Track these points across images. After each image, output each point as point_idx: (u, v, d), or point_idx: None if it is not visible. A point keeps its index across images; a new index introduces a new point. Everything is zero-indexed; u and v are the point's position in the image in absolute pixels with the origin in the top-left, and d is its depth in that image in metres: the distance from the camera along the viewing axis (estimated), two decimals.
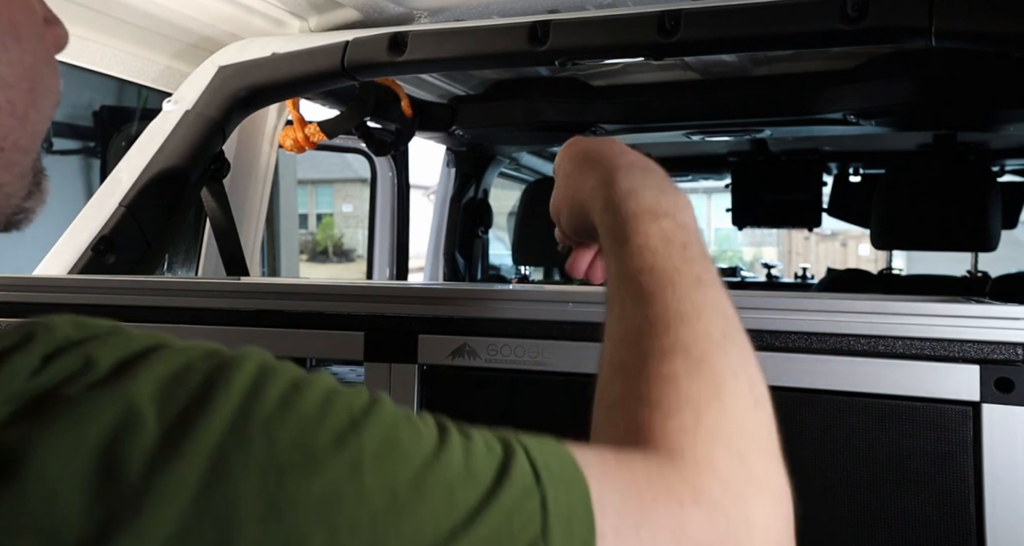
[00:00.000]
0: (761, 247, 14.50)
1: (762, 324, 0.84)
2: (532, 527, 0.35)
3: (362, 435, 0.33)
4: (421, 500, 0.33)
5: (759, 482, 0.44)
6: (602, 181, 0.57)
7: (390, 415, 0.35)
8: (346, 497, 0.31)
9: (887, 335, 0.81)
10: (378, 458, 0.33)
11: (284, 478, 0.31)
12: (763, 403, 0.48)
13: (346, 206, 15.54)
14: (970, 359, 0.78)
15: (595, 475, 0.38)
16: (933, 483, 0.79)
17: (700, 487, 0.42)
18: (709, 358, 0.47)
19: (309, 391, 0.34)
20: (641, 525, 0.38)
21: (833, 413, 0.82)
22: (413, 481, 0.33)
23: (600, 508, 0.37)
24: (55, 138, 2.49)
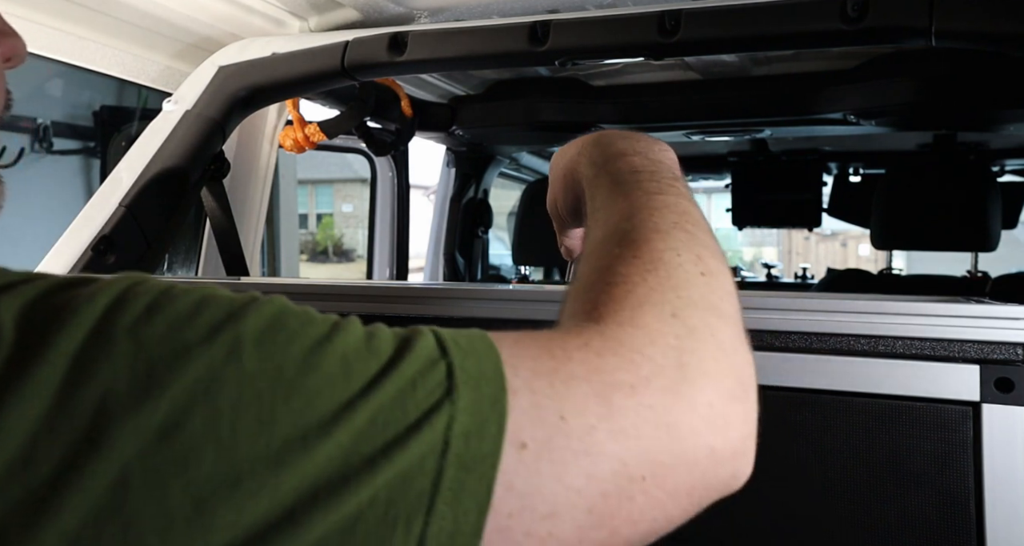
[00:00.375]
0: (761, 247, 14.50)
1: (762, 324, 0.84)
2: (437, 392, 0.34)
3: (240, 324, 0.33)
4: (312, 374, 0.32)
5: (698, 335, 0.42)
6: (585, 144, 0.62)
7: (277, 306, 0.35)
8: (226, 379, 0.31)
9: (887, 335, 0.81)
10: (260, 342, 0.32)
11: (155, 369, 0.30)
12: (714, 273, 0.47)
13: (346, 206, 15.55)
14: (970, 359, 0.78)
15: (508, 345, 0.37)
16: (933, 483, 0.79)
17: (620, 339, 0.40)
18: (651, 242, 0.47)
19: (184, 297, 0.34)
20: (556, 377, 0.37)
21: (833, 413, 0.82)
22: (302, 359, 0.33)
23: (512, 368, 0.36)
24: (55, 138, 2.49)
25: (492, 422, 0.34)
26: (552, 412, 0.36)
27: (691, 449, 0.39)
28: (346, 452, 0.31)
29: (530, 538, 0.34)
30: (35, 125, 2.42)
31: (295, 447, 0.31)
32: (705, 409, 0.40)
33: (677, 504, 0.40)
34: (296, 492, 0.30)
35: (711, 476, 0.41)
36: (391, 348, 0.35)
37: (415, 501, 0.32)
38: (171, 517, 0.28)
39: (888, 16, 0.88)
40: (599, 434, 0.36)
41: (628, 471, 0.37)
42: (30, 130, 2.41)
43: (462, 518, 0.32)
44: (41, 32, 1.14)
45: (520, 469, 0.34)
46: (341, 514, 0.30)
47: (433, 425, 0.33)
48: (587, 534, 0.36)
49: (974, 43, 0.90)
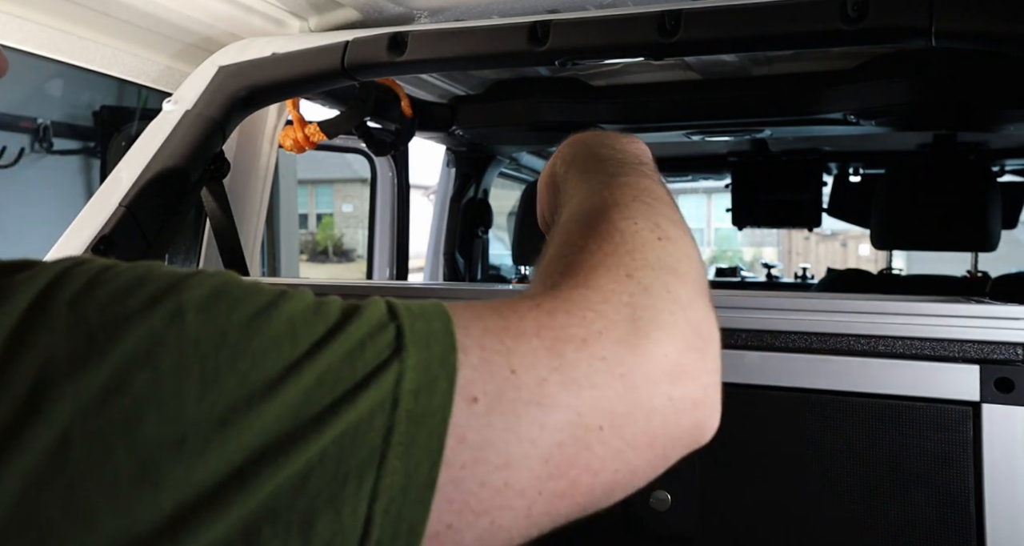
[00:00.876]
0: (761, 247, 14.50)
1: (762, 324, 0.84)
2: (386, 352, 0.34)
3: (182, 294, 0.33)
4: (257, 337, 0.32)
5: (653, 291, 0.42)
6: (560, 147, 0.64)
7: (222, 278, 0.35)
8: (168, 343, 0.31)
9: (887, 335, 0.81)
10: (202, 309, 0.32)
11: (94, 337, 0.31)
12: (672, 238, 0.47)
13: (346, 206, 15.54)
14: (970, 359, 0.78)
15: (460, 310, 0.38)
16: (933, 483, 0.79)
17: (572, 299, 0.41)
18: (608, 215, 0.48)
19: (127, 272, 0.34)
20: (506, 334, 0.37)
21: (833, 413, 0.82)
22: (246, 323, 0.33)
23: (463, 329, 0.36)
24: (55, 138, 2.48)
25: (442, 378, 0.34)
26: (502, 366, 0.36)
27: (648, 398, 0.39)
28: (294, 411, 0.31)
29: (485, 488, 0.34)
30: (35, 125, 2.42)
31: (241, 407, 0.31)
32: (661, 359, 0.40)
33: (640, 455, 0.40)
34: (244, 451, 0.30)
35: (673, 426, 0.41)
36: (339, 313, 0.35)
37: (366, 456, 0.32)
38: (116, 478, 0.29)
39: (888, 16, 0.88)
40: (551, 386, 0.36)
41: (583, 421, 0.37)
42: (30, 130, 2.41)
43: (414, 471, 0.32)
44: (40, 32, 1.13)
45: (472, 422, 0.34)
46: (291, 471, 0.31)
47: (381, 382, 0.33)
48: (546, 484, 0.36)
49: (974, 43, 0.90)
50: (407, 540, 0.32)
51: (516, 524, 0.36)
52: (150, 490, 0.29)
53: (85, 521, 0.28)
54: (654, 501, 0.88)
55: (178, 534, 0.29)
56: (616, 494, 0.41)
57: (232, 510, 0.29)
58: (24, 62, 1.11)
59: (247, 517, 0.30)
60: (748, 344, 0.85)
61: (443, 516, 0.34)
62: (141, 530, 0.28)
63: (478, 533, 0.35)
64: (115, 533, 0.28)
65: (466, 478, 0.34)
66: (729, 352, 0.86)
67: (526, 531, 0.37)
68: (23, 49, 1.12)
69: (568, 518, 0.39)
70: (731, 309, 0.86)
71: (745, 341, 0.85)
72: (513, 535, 0.36)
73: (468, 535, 0.35)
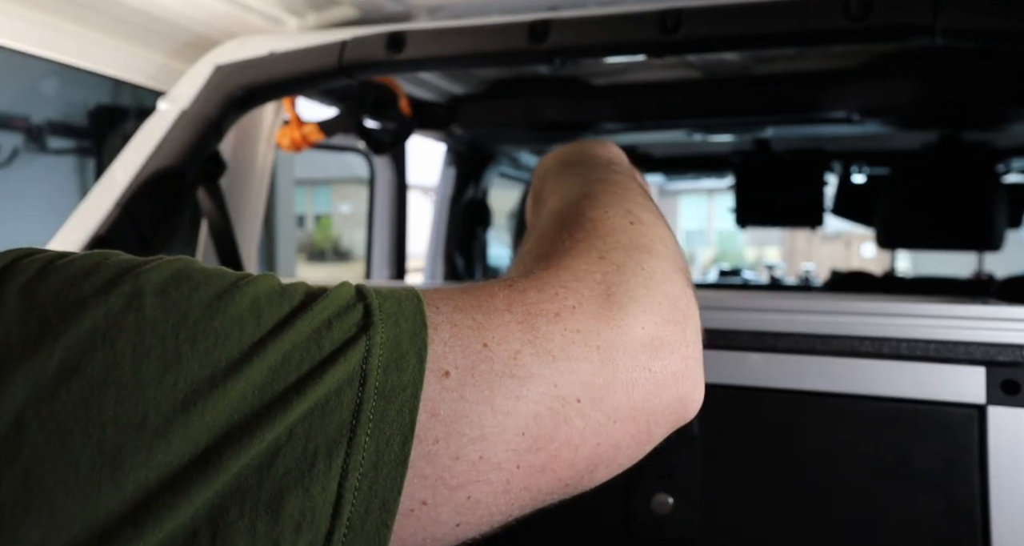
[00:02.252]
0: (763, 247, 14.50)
1: (765, 325, 0.83)
2: (353, 330, 0.33)
3: (140, 278, 0.32)
4: (219, 318, 0.31)
5: (626, 269, 0.42)
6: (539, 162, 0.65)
7: (183, 263, 0.34)
8: (125, 325, 0.30)
9: (892, 337, 0.80)
10: (161, 292, 0.31)
11: (48, 321, 0.29)
12: (644, 223, 0.48)
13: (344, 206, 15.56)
14: (976, 361, 0.77)
15: (431, 291, 0.37)
16: (938, 486, 0.78)
17: (545, 279, 0.41)
18: (579, 208, 0.49)
19: (81, 260, 0.33)
20: (478, 311, 0.37)
21: (837, 416, 0.81)
22: (207, 304, 0.32)
23: (433, 307, 0.36)
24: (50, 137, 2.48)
25: (412, 354, 0.34)
26: (474, 341, 0.36)
27: (627, 371, 0.39)
28: (260, 390, 0.31)
29: (459, 462, 0.34)
30: (29, 124, 2.41)
31: (203, 388, 0.30)
32: (638, 331, 0.40)
33: (622, 429, 0.39)
34: (209, 432, 0.30)
35: (654, 399, 0.40)
36: (304, 294, 0.35)
37: (335, 433, 0.31)
38: (75, 463, 0.28)
39: (892, 13, 0.87)
40: (524, 357, 0.36)
41: (560, 393, 0.36)
42: (24, 129, 2.40)
43: (384, 447, 0.32)
44: (33, 29, 1.13)
45: (444, 396, 0.34)
46: (258, 451, 0.30)
47: (348, 358, 0.32)
48: (524, 457, 0.36)
49: (979, 41, 0.89)
50: (379, 517, 0.32)
51: (495, 500, 0.35)
52: (111, 473, 0.28)
53: (43, 508, 0.27)
54: (656, 504, 0.87)
55: (141, 519, 0.28)
56: (600, 471, 0.40)
57: (198, 492, 0.29)
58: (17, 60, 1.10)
59: (213, 499, 0.29)
60: (751, 346, 0.84)
61: (417, 492, 0.33)
62: (102, 516, 0.27)
63: (455, 508, 0.34)
64: (75, 519, 0.27)
65: (439, 452, 0.33)
66: (732, 353, 0.85)
67: (506, 508, 0.36)
68: (15, 47, 1.12)
69: (551, 496, 0.39)
70: (734, 310, 0.85)
71: (748, 343, 0.84)
72: (492, 512, 0.36)
73: (444, 511, 0.34)
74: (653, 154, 2.74)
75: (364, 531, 0.31)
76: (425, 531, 0.34)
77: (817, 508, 0.82)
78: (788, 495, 0.83)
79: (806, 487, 0.82)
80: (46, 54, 1.15)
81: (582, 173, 0.56)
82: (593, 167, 0.57)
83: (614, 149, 0.64)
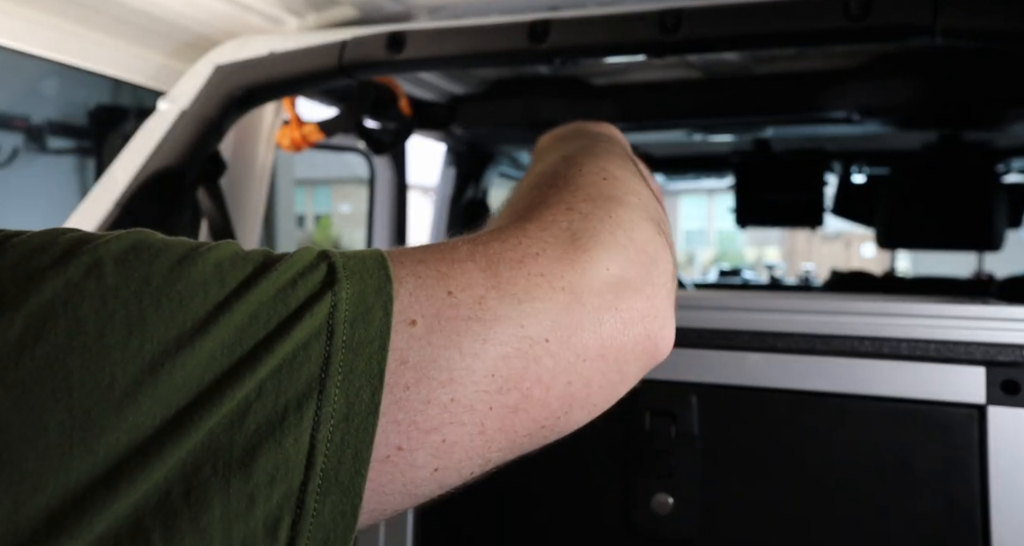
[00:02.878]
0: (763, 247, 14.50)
1: (765, 325, 0.83)
2: (317, 286, 0.34)
3: (99, 248, 0.32)
4: (181, 281, 0.32)
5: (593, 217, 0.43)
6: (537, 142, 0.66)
7: (143, 234, 0.34)
8: (87, 292, 0.30)
9: (892, 337, 0.80)
10: (121, 260, 0.31)
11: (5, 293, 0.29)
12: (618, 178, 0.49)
13: (344, 206, 15.55)
14: (976, 361, 0.77)
15: (395, 250, 0.38)
16: (938, 486, 0.78)
17: (509, 230, 0.42)
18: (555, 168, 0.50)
19: (39, 236, 0.32)
20: (441, 263, 0.38)
21: (837, 416, 0.81)
22: (168, 268, 0.32)
23: (398, 262, 0.36)
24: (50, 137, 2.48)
25: (378, 307, 0.34)
26: (439, 290, 0.36)
27: (593, 310, 0.40)
28: (228, 349, 0.31)
29: (431, 405, 0.34)
30: (29, 124, 2.41)
31: (171, 349, 0.30)
32: (603, 272, 0.41)
33: (592, 367, 0.40)
34: (179, 392, 0.30)
35: (621, 336, 0.41)
36: (266, 256, 0.35)
37: (305, 387, 0.32)
38: (44, 428, 0.27)
39: (892, 13, 0.87)
40: (489, 301, 0.37)
41: (527, 333, 0.37)
42: (24, 129, 2.40)
43: (355, 398, 0.32)
44: (33, 29, 1.13)
45: (412, 344, 0.35)
46: (229, 408, 0.30)
47: (315, 313, 0.33)
48: (495, 398, 0.36)
49: (979, 41, 0.89)
50: (353, 466, 0.32)
51: (470, 441, 0.36)
52: (81, 437, 0.28)
53: (13, 474, 0.27)
54: (656, 504, 0.87)
55: (114, 480, 0.28)
56: (576, 413, 0.41)
57: (170, 453, 0.29)
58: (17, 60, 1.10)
59: (185, 458, 0.29)
60: (751, 346, 0.84)
61: (391, 438, 0.34)
62: (74, 479, 0.27)
63: (431, 452, 0.35)
64: (47, 484, 0.27)
65: (411, 398, 0.34)
66: (732, 353, 0.85)
67: (483, 450, 0.37)
68: (16, 47, 1.12)
69: (530, 438, 0.39)
70: (734, 310, 0.85)
71: (748, 343, 0.84)
72: (470, 454, 0.36)
73: (420, 455, 0.35)
74: (653, 154, 2.74)
75: (339, 480, 0.32)
76: (404, 476, 0.34)
77: (817, 508, 0.82)
78: (788, 495, 0.83)
79: (806, 487, 0.82)
80: (47, 54, 1.15)
81: (570, 143, 0.57)
82: (582, 138, 0.59)
83: (611, 128, 0.65)
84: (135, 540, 0.28)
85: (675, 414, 0.87)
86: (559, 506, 0.92)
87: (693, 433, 0.86)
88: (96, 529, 0.27)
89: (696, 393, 0.86)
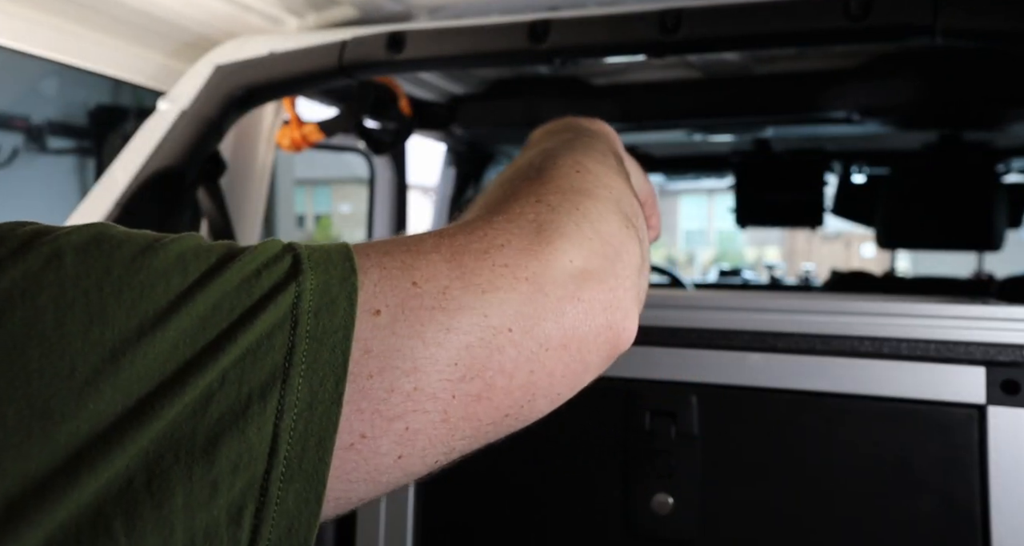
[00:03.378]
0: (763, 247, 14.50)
1: (765, 325, 0.83)
2: (282, 277, 0.34)
3: (59, 239, 0.31)
4: (143, 271, 0.31)
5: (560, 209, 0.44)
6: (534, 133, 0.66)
7: (100, 226, 0.33)
8: (46, 281, 0.30)
9: (892, 337, 0.80)
10: (82, 250, 0.31)
11: None
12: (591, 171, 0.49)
13: (344, 206, 15.54)
14: (976, 361, 0.77)
15: (361, 244, 0.38)
16: (938, 486, 0.78)
17: (476, 223, 0.42)
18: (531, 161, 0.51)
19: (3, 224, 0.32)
20: (407, 255, 0.38)
21: (836, 416, 0.81)
22: (130, 259, 0.32)
23: (363, 254, 0.37)
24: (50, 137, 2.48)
25: (342, 298, 0.34)
26: (404, 280, 0.37)
27: (555, 300, 0.40)
28: (191, 338, 0.31)
29: (394, 394, 0.35)
30: (29, 124, 2.41)
31: (132, 337, 0.30)
32: (566, 264, 0.41)
33: (555, 357, 0.40)
34: (140, 381, 0.30)
35: (583, 326, 0.42)
36: (230, 248, 0.35)
37: (268, 377, 0.32)
38: (2, 416, 0.27)
39: (891, 13, 0.87)
40: (453, 291, 0.37)
41: (490, 323, 0.38)
42: (24, 129, 2.40)
43: (318, 387, 0.33)
44: (33, 29, 1.13)
45: (376, 333, 0.35)
46: (191, 397, 0.30)
47: (279, 303, 0.33)
48: (459, 386, 0.37)
49: (979, 41, 0.89)
50: (316, 454, 0.32)
51: (434, 429, 0.36)
52: (41, 426, 0.28)
53: None
54: (656, 504, 0.87)
55: (75, 469, 0.28)
56: (539, 401, 0.41)
57: (132, 441, 0.29)
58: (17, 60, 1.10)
59: (148, 447, 0.29)
60: (751, 346, 0.84)
61: (355, 426, 0.34)
62: (34, 468, 0.27)
63: (395, 439, 0.35)
64: (7, 473, 0.27)
65: (374, 386, 0.34)
66: (732, 353, 0.85)
67: (447, 438, 0.37)
68: (16, 47, 1.12)
69: (494, 426, 0.39)
70: (734, 310, 0.85)
71: (748, 343, 0.84)
72: (434, 442, 0.37)
73: (384, 442, 0.35)
74: (653, 154, 2.74)
75: (302, 468, 0.32)
76: (368, 464, 0.35)
77: (817, 508, 0.81)
78: (788, 495, 0.83)
79: (806, 487, 0.82)
80: (47, 54, 1.15)
81: (555, 138, 0.57)
82: (567, 133, 0.59)
83: (602, 124, 0.65)
84: (96, 527, 0.28)
85: (675, 414, 0.87)
86: (559, 506, 0.92)
87: (693, 433, 0.86)
88: (57, 517, 0.27)
89: (696, 393, 0.86)
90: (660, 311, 0.88)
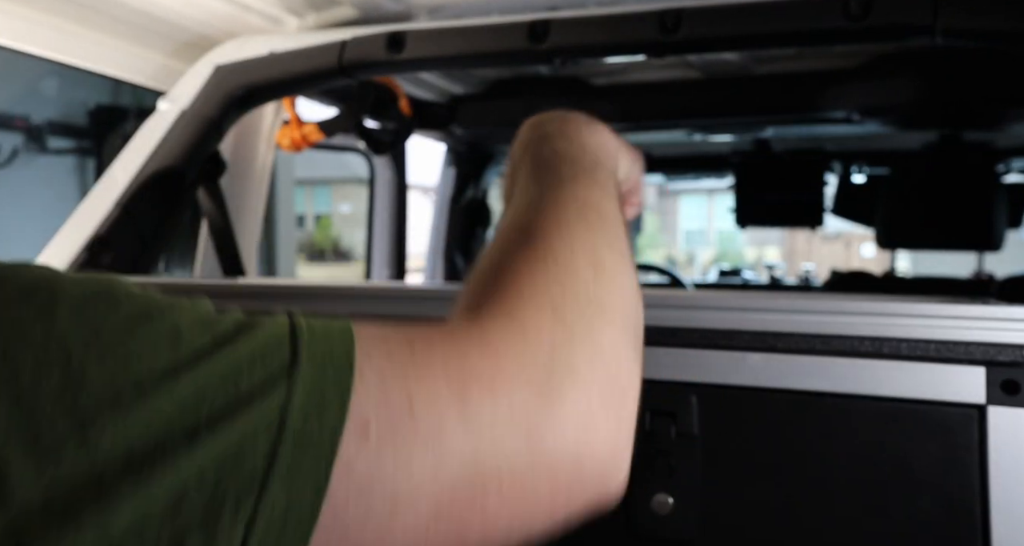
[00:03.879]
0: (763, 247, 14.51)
1: (765, 325, 0.83)
2: (276, 371, 0.32)
3: (58, 290, 0.30)
4: (133, 340, 0.30)
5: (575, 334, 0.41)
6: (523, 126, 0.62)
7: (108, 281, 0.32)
8: (32, 335, 0.29)
9: (891, 337, 0.80)
10: (78, 306, 0.30)
11: None
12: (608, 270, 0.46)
13: (344, 206, 15.55)
14: (976, 361, 0.77)
15: (369, 334, 0.36)
16: (938, 487, 0.78)
17: (489, 330, 0.39)
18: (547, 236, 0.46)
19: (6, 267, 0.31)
20: (410, 364, 0.36)
21: (836, 416, 0.81)
22: (123, 325, 0.31)
23: (365, 355, 0.34)
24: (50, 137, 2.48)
25: (334, 403, 0.32)
26: (400, 397, 0.34)
27: (551, 452, 0.38)
28: (167, 420, 0.29)
29: (368, 524, 0.33)
30: (29, 124, 2.41)
31: (104, 409, 0.28)
32: (571, 414, 0.39)
33: (539, 507, 0.38)
34: (106, 457, 0.28)
35: (575, 482, 0.39)
36: (233, 326, 0.33)
37: (247, 480, 0.30)
38: None
39: (891, 13, 0.87)
40: (449, 426, 0.35)
41: (480, 469, 0.35)
42: (24, 129, 2.40)
43: (296, 499, 0.31)
44: (33, 29, 1.13)
45: (361, 453, 0.33)
46: (161, 490, 0.28)
47: (267, 401, 0.31)
48: (433, 525, 0.35)
49: (979, 41, 0.89)
50: None
51: None
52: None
53: None
54: (655, 504, 0.87)
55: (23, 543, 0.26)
56: (513, 540, 0.39)
57: (87, 527, 0.27)
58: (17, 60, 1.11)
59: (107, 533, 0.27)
60: (751, 346, 0.84)
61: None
62: None
63: None
64: None
65: (349, 511, 0.32)
66: (731, 354, 0.85)
67: None
68: (16, 47, 1.12)
69: None
70: (734, 310, 0.85)
71: (748, 343, 0.84)
72: None
73: None
74: (653, 154, 2.74)
75: None
76: None
77: (817, 508, 0.81)
78: (788, 495, 0.83)
79: (806, 487, 0.82)
80: (47, 54, 1.15)
81: (563, 174, 0.53)
82: (576, 166, 0.54)
83: (603, 139, 0.60)
84: None
85: (675, 414, 0.87)
86: None
87: (693, 433, 0.86)
88: None
89: (696, 393, 0.86)
90: (660, 311, 0.88)
